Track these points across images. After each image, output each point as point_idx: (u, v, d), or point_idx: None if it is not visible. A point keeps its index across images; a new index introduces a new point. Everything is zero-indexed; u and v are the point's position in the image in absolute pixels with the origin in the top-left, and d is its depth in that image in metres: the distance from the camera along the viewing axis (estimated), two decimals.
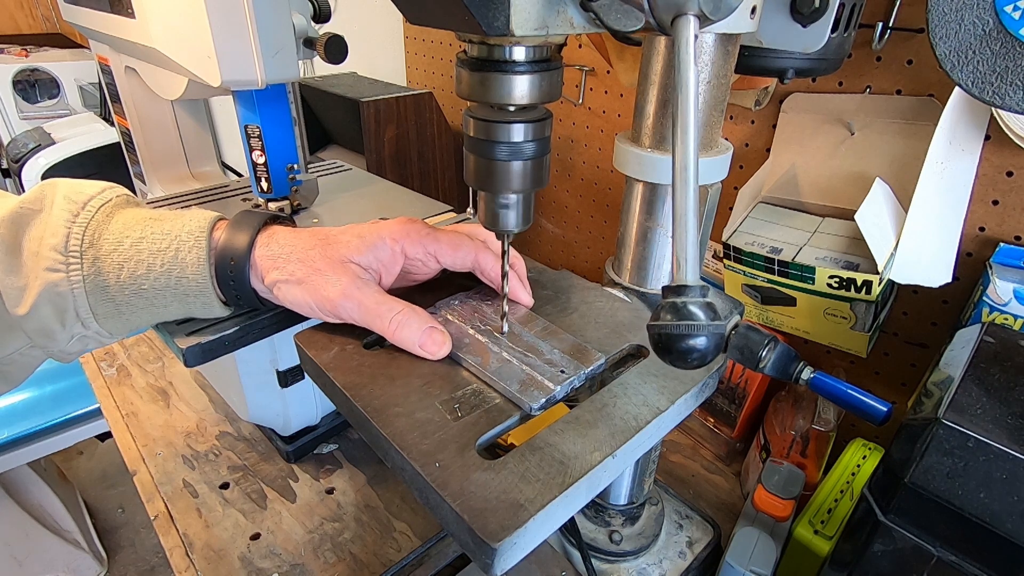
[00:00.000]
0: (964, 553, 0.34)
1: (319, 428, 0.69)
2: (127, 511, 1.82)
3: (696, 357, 0.26)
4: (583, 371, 0.38)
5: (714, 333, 0.25)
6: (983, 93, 0.41)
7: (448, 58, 1.18)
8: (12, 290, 0.38)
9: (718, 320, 0.25)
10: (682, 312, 0.26)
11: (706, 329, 0.25)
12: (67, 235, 0.38)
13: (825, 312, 0.57)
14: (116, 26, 0.59)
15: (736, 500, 0.68)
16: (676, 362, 0.26)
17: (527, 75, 0.30)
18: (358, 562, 0.57)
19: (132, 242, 0.39)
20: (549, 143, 0.35)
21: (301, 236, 0.42)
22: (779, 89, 0.66)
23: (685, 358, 0.26)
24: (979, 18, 0.40)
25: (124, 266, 0.39)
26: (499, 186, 0.35)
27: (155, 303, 0.41)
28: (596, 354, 0.40)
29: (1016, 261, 0.51)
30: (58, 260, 0.37)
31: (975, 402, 0.34)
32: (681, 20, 0.26)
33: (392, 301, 0.40)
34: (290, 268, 0.40)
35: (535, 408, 0.35)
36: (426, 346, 0.39)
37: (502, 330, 0.42)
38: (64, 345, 0.40)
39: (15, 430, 1.38)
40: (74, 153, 1.73)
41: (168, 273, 0.40)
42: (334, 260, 0.40)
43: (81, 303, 0.39)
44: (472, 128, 0.34)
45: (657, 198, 0.42)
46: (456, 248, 0.44)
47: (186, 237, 0.40)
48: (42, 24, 2.93)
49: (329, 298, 0.39)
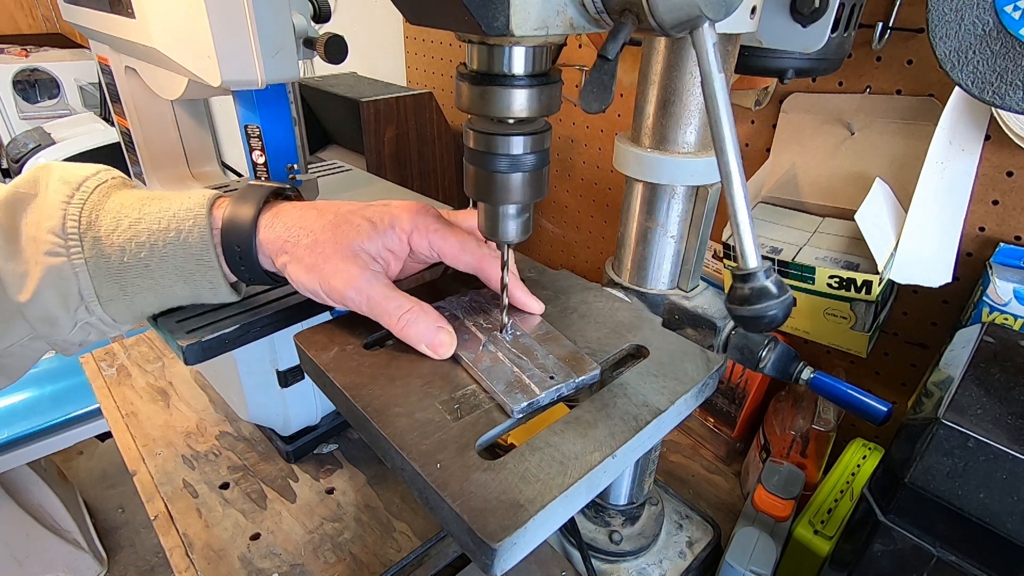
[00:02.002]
0: (964, 553, 0.34)
1: (319, 428, 0.69)
2: (127, 511, 1.82)
3: (775, 325, 0.30)
4: (574, 380, 0.37)
5: (784, 304, 0.29)
6: (983, 93, 0.41)
7: (448, 58, 1.18)
8: (13, 276, 0.37)
9: (784, 293, 0.29)
10: (755, 294, 0.29)
11: (780, 304, 0.29)
12: (63, 217, 0.37)
13: (825, 312, 0.57)
14: (116, 26, 0.59)
15: (736, 500, 0.68)
16: (753, 330, 0.31)
17: (527, 88, 0.31)
18: (358, 562, 0.57)
19: (131, 222, 0.39)
20: (548, 155, 0.35)
21: (308, 214, 0.41)
22: (779, 89, 0.66)
23: (765, 328, 0.30)
24: (979, 18, 0.40)
25: (125, 247, 0.38)
26: (499, 198, 0.35)
27: (160, 283, 0.40)
28: (592, 364, 0.39)
29: (1016, 261, 0.51)
30: (58, 243, 0.37)
31: (975, 402, 0.34)
32: (697, 33, 0.26)
33: (401, 297, 0.39)
34: (299, 252, 0.40)
35: (516, 410, 0.35)
36: (433, 346, 0.39)
37: (502, 330, 0.42)
38: (67, 333, 0.40)
39: (15, 430, 1.38)
40: (74, 153, 1.73)
41: (172, 254, 0.39)
42: (343, 247, 0.40)
43: (85, 286, 0.38)
44: (472, 140, 0.34)
45: (657, 198, 0.42)
46: (462, 250, 0.43)
47: (185, 215, 0.40)
48: (42, 24, 2.93)
49: (337, 288, 0.39)
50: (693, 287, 0.45)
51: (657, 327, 0.44)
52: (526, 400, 0.35)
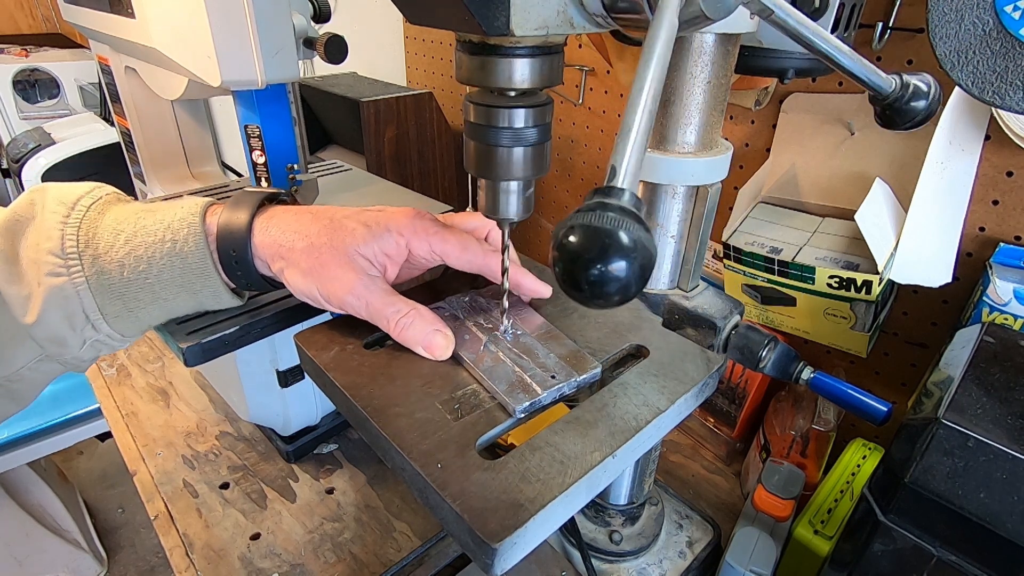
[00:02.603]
0: (964, 553, 0.34)
1: (319, 428, 0.69)
2: (127, 511, 1.82)
3: (614, 282, 0.19)
4: (575, 379, 0.38)
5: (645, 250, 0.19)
6: (983, 93, 0.41)
7: (448, 58, 1.18)
8: (17, 299, 0.38)
9: (638, 249, 0.19)
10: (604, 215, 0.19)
11: (632, 248, 0.18)
12: (61, 237, 0.38)
13: (825, 312, 0.57)
14: (116, 26, 0.59)
15: (736, 500, 0.68)
16: (589, 287, 0.20)
17: (528, 58, 0.30)
18: (358, 562, 0.57)
19: (127, 237, 0.39)
20: (550, 130, 0.35)
21: (303, 218, 0.41)
22: (779, 89, 0.66)
23: (600, 282, 0.19)
24: (979, 18, 0.40)
25: (124, 262, 0.38)
26: (500, 173, 0.34)
27: (162, 296, 0.40)
28: (593, 363, 0.39)
29: (1016, 261, 0.51)
30: (58, 263, 0.37)
31: (975, 402, 0.34)
32: None
33: (399, 302, 0.40)
34: (294, 257, 0.40)
35: (519, 410, 0.35)
36: (430, 348, 0.39)
37: (503, 331, 0.42)
38: (77, 351, 0.40)
39: (15, 430, 1.38)
40: (74, 153, 1.73)
41: (170, 265, 0.39)
42: (340, 252, 0.40)
43: (88, 304, 0.38)
44: (472, 114, 0.33)
45: (656, 198, 0.42)
46: (464, 250, 0.43)
47: (179, 226, 0.40)
48: (42, 24, 2.93)
49: (335, 293, 0.39)
50: (693, 287, 0.45)
51: (657, 327, 0.44)
52: (528, 400, 0.36)
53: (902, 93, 0.32)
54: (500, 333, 0.42)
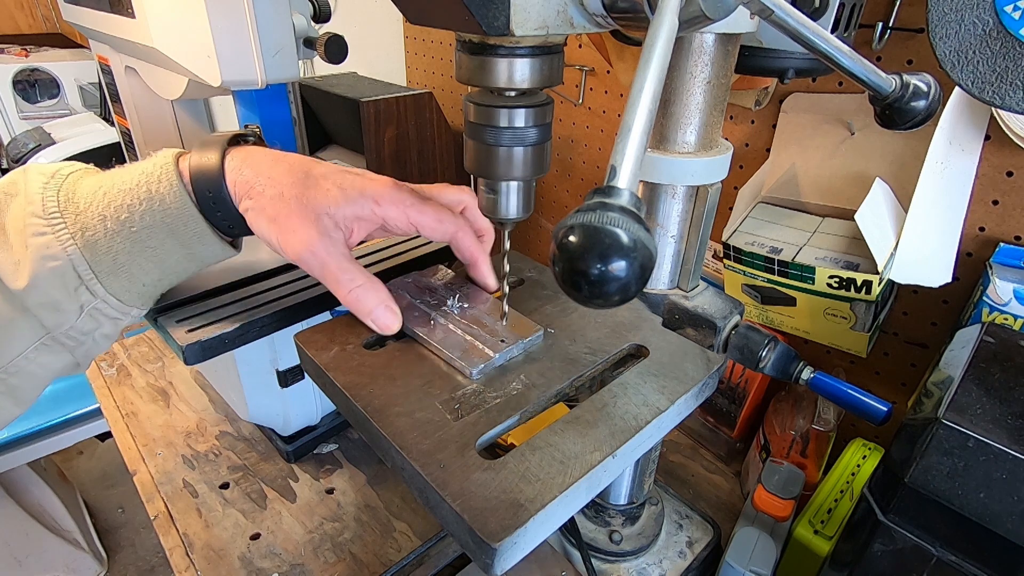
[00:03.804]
0: (964, 553, 0.34)
1: (319, 428, 0.69)
2: (127, 511, 1.82)
3: (615, 280, 0.19)
4: (521, 341, 0.41)
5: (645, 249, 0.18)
6: (983, 93, 0.42)
7: (448, 58, 1.18)
8: (8, 265, 0.38)
9: (639, 247, 0.19)
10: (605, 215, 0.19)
11: (632, 247, 0.18)
12: (42, 200, 0.38)
13: (825, 312, 0.57)
14: (116, 26, 0.59)
15: (736, 500, 0.68)
16: (590, 286, 0.20)
17: (528, 58, 0.30)
18: (358, 562, 0.57)
19: (104, 191, 0.40)
20: (550, 129, 0.35)
21: (280, 166, 0.42)
22: (779, 89, 0.66)
23: (602, 280, 0.19)
24: (979, 18, 0.40)
25: (105, 214, 0.39)
26: (500, 173, 0.35)
27: (151, 246, 0.40)
28: (535, 326, 0.42)
29: (1016, 261, 0.51)
30: (41, 224, 0.38)
31: (975, 402, 0.35)
32: None
33: (355, 270, 0.40)
34: (263, 202, 0.40)
35: (475, 372, 0.37)
36: (377, 320, 0.40)
37: (449, 304, 0.44)
38: (75, 320, 0.40)
39: (15, 430, 1.38)
40: (74, 153, 1.73)
41: (150, 210, 0.40)
42: (308, 209, 0.40)
43: (78, 260, 0.39)
44: (472, 114, 0.33)
45: (657, 198, 0.42)
46: (439, 223, 0.44)
47: (153, 171, 0.40)
48: (42, 24, 2.92)
49: (293, 247, 0.40)
50: (693, 287, 0.45)
51: (657, 327, 0.44)
52: (483, 363, 0.38)
53: (902, 93, 0.32)
54: (448, 307, 0.44)
